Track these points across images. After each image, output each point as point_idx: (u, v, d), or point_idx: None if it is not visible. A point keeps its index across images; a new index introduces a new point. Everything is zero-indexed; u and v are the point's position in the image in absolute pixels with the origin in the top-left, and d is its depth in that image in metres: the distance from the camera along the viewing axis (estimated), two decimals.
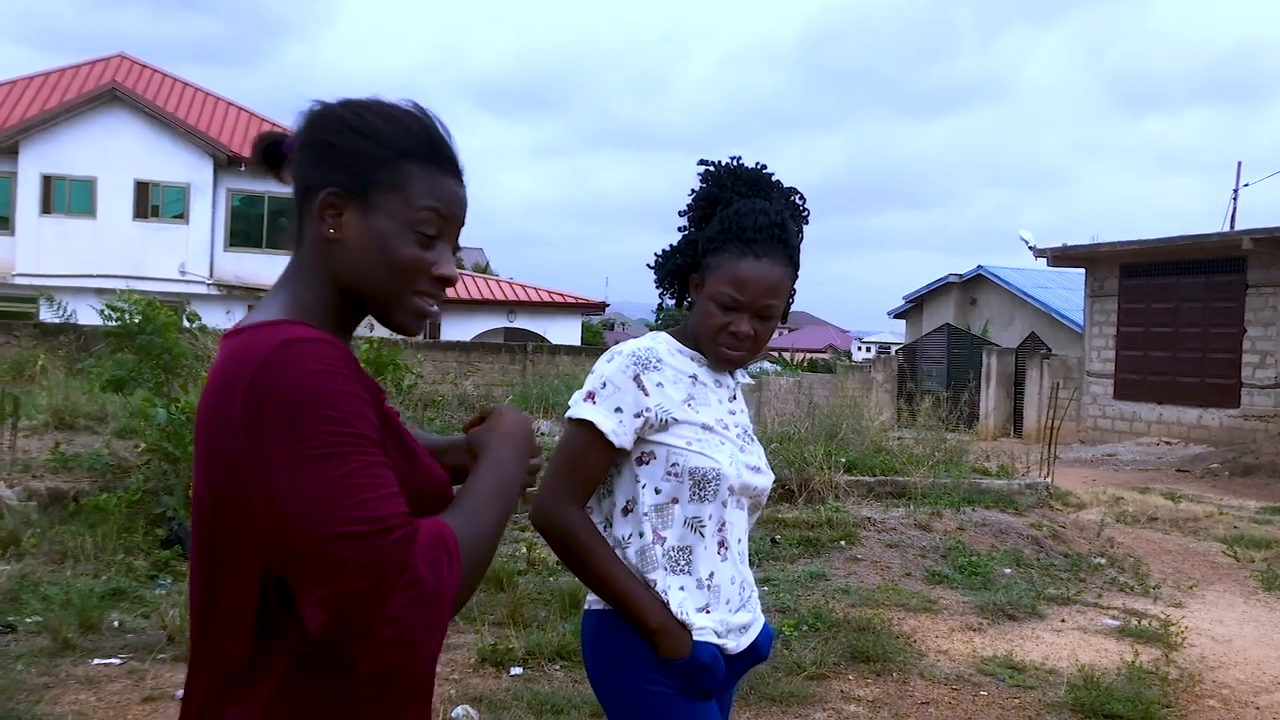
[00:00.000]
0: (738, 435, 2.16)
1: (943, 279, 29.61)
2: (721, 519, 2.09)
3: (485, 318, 29.20)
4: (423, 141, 1.42)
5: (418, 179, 1.40)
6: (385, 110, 1.43)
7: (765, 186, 2.19)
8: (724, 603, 2.09)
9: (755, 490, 2.16)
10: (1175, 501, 11.47)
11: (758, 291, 2.08)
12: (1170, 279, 18.96)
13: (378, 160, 1.38)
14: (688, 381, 2.12)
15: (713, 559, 2.09)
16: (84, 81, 26.84)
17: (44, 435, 8.83)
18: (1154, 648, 5.74)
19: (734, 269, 2.08)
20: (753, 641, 2.17)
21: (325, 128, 1.40)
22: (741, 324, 2.09)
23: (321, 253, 1.40)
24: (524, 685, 4.58)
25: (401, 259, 1.39)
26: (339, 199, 1.38)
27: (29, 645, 4.82)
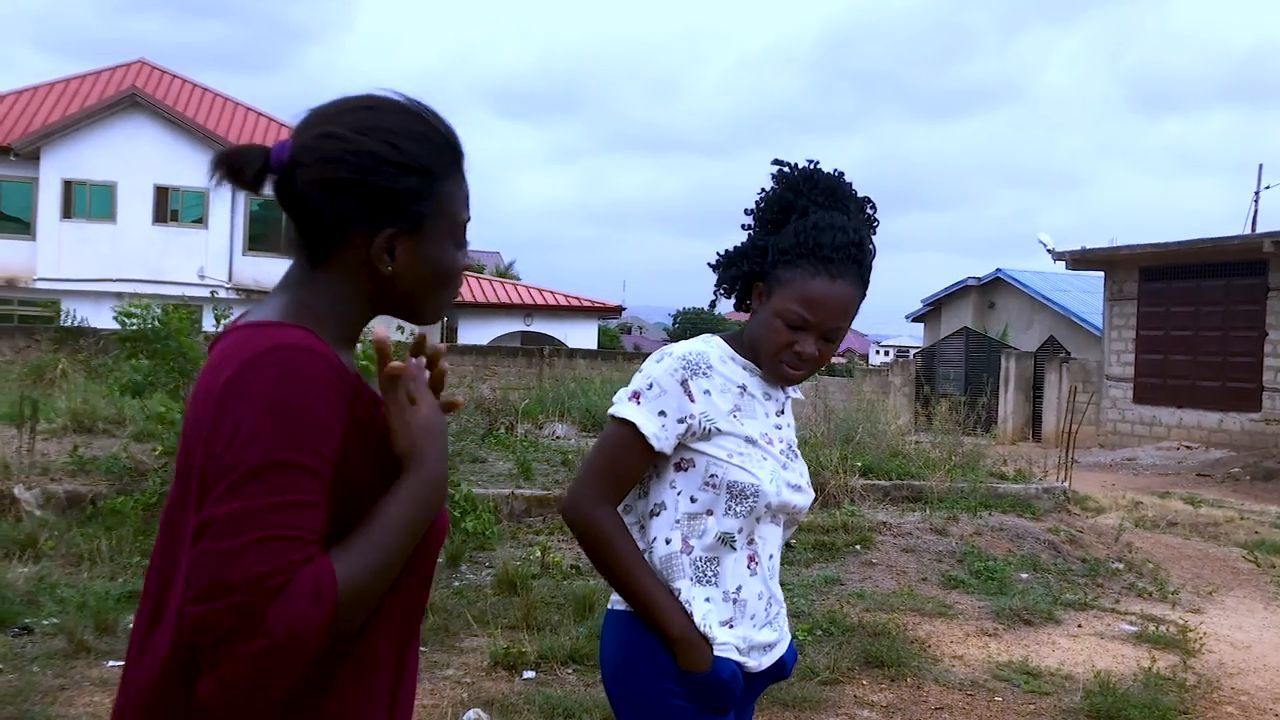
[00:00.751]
0: (782, 451, 2.10)
1: (961, 282, 29.51)
2: (753, 533, 2.04)
3: (502, 321, 29.26)
4: (450, 153, 1.43)
5: (455, 195, 1.43)
6: (413, 132, 1.40)
7: (843, 198, 2.09)
8: (749, 618, 2.03)
9: (793, 508, 2.10)
10: (1195, 506, 11.38)
11: (828, 314, 2.00)
12: (1190, 282, 18.83)
13: (427, 192, 1.39)
14: (736, 392, 2.05)
15: (741, 573, 2.03)
16: (104, 87, 27.05)
17: (63, 438, 8.88)
18: (1172, 654, 5.69)
19: (806, 288, 2.00)
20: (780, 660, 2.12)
21: (364, 168, 1.36)
22: (807, 344, 2.02)
23: (360, 278, 1.40)
24: (536, 689, 4.58)
25: (450, 273, 1.45)
26: (394, 236, 1.38)
27: (45, 647, 4.85)
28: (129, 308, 8.25)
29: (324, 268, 1.40)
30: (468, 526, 6.88)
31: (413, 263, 1.39)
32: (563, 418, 13.42)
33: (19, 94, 26.77)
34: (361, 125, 1.37)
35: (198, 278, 24.99)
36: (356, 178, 1.35)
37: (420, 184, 1.38)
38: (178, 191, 25.57)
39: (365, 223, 1.37)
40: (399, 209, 1.37)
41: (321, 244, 1.39)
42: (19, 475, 7.22)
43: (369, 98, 1.42)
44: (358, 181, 1.35)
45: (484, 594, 5.95)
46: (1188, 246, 18.61)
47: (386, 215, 1.37)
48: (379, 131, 1.37)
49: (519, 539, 7.21)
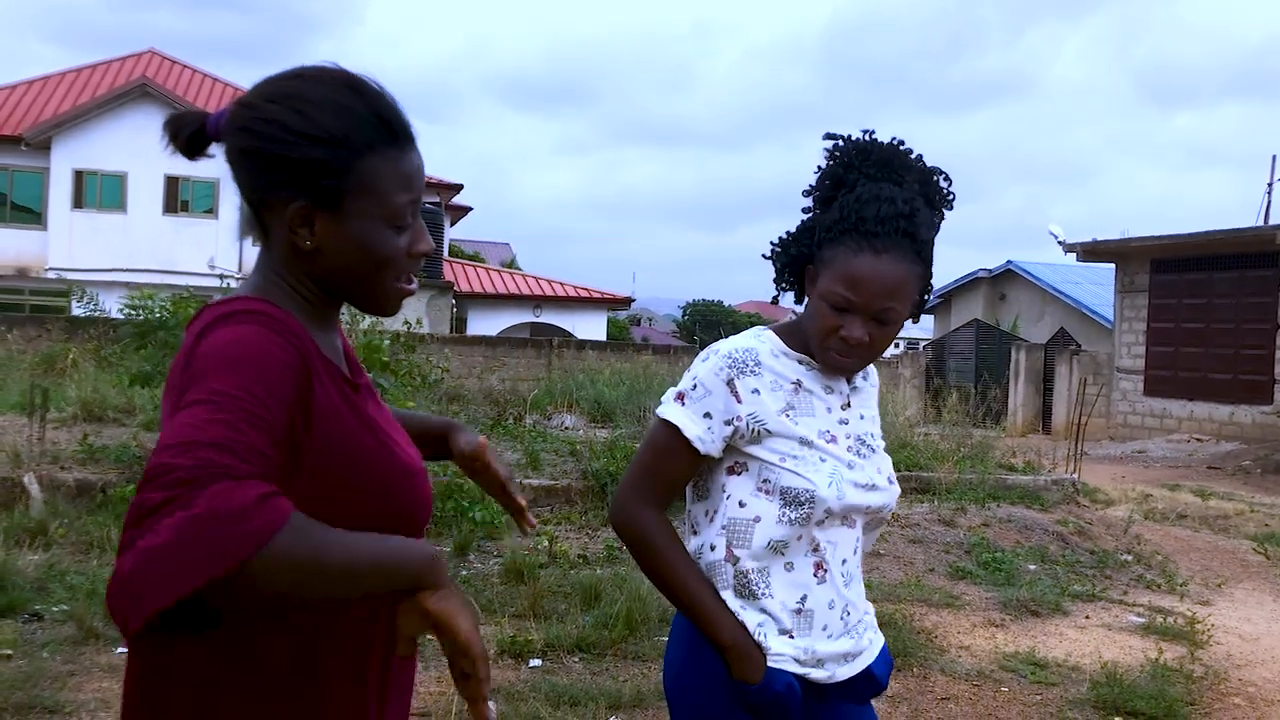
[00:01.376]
0: (849, 448, 1.94)
1: (972, 274, 29.40)
2: (816, 540, 1.88)
3: (511, 312, 29.28)
4: (378, 127, 1.36)
5: (384, 172, 1.35)
6: (329, 101, 1.33)
7: (898, 168, 1.91)
8: (819, 629, 1.89)
9: (865, 509, 1.93)
10: (1205, 499, 11.34)
11: (874, 293, 1.83)
12: (1202, 274, 18.74)
13: (341, 166, 1.32)
14: (789, 389, 1.91)
15: (805, 582, 1.88)
16: (115, 77, 27.11)
17: (73, 427, 8.92)
18: (1179, 645, 5.67)
19: (848, 265, 1.84)
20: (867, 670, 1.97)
21: (269, 137, 1.32)
22: (854, 328, 1.85)
23: (295, 258, 1.37)
24: (543, 677, 4.59)
25: (383, 256, 1.37)
26: (307, 211, 1.33)
27: (54, 634, 4.87)
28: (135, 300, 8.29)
29: (269, 246, 1.39)
30: (476, 516, 6.89)
31: (336, 240, 1.35)
32: (571, 408, 13.43)
33: (30, 84, 26.85)
34: (276, 94, 1.35)
35: (208, 268, 25.00)
36: (260, 146, 1.33)
37: (330, 156, 1.32)
38: (188, 182, 25.62)
39: (273, 194, 1.33)
40: (305, 181, 1.32)
41: (255, 216, 1.38)
42: (30, 464, 7.25)
43: (301, 68, 1.38)
44: (260, 150, 1.33)
45: (491, 583, 5.97)
46: (1200, 238, 18.51)
47: (293, 187, 1.32)
48: (291, 99, 1.33)
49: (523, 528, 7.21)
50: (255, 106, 1.33)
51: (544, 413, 13.11)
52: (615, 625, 5.12)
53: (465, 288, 28.65)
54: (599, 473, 7.86)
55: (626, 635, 5.08)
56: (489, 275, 30.70)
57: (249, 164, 1.34)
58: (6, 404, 10.04)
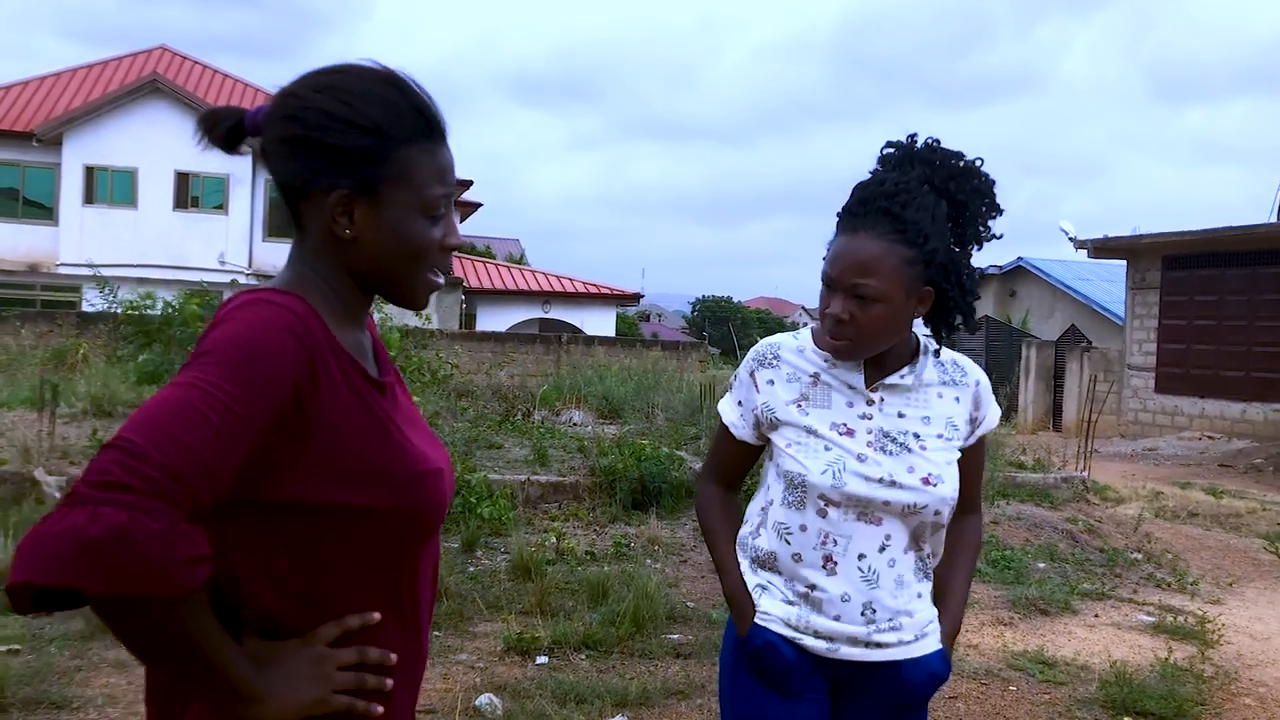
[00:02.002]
0: (869, 443, 1.95)
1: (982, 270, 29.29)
2: (824, 531, 1.93)
3: (521, 308, 29.28)
4: (417, 120, 1.40)
5: (421, 163, 1.40)
6: (372, 93, 1.38)
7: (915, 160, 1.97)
8: (830, 616, 1.94)
9: (883, 504, 1.93)
10: (1217, 497, 11.28)
11: (845, 267, 1.89)
12: (1214, 271, 18.63)
13: (381, 154, 1.37)
14: (806, 381, 2.00)
15: (814, 572, 1.95)
16: (126, 73, 27.16)
17: (83, 422, 8.94)
18: (1190, 644, 5.64)
19: (832, 245, 1.96)
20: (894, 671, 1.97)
21: (315, 125, 1.36)
22: (835, 304, 1.91)
23: (332, 247, 1.40)
24: (549, 674, 4.58)
25: (418, 245, 1.41)
26: (348, 199, 1.37)
27: (63, 628, 4.89)
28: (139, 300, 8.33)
29: (304, 239, 1.42)
30: (483, 512, 6.89)
31: (374, 229, 1.38)
32: (580, 404, 13.42)
33: (41, 80, 26.92)
34: (321, 85, 1.39)
35: (218, 263, 25.09)
36: (305, 134, 1.36)
37: (373, 144, 1.36)
38: (198, 177, 25.67)
39: (317, 181, 1.36)
40: (349, 168, 1.36)
41: (293, 208, 1.41)
42: (40, 459, 7.27)
43: (343, 64, 1.42)
44: (306, 138, 1.36)
45: (498, 579, 5.96)
46: (1211, 235, 18.41)
47: (336, 174, 1.36)
48: (336, 90, 1.37)
49: (534, 525, 7.21)
50: (301, 96, 1.37)
51: (552, 409, 13.11)
52: (623, 622, 5.11)
53: (474, 284, 28.66)
54: (607, 469, 7.84)
55: (634, 633, 5.07)
56: (498, 271, 30.71)
57: (292, 152, 1.37)
58: (17, 399, 10.08)
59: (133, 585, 1.09)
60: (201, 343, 1.26)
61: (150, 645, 1.18)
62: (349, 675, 1.34)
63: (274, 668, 1.29)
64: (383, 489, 1.35)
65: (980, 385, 2.09)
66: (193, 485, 1.14)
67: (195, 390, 1.18)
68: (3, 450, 7.65)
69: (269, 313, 1.28)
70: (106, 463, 1.12)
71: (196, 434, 1.15)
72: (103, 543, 1.07)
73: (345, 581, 1.35)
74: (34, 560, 1.08)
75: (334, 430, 1.31)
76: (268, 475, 1.26)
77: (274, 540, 1.31)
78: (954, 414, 2.04)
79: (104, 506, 1.08)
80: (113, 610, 1.13)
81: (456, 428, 9.50)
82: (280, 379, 1.25)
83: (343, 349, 1.35)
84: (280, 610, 1.32)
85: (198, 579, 1.14)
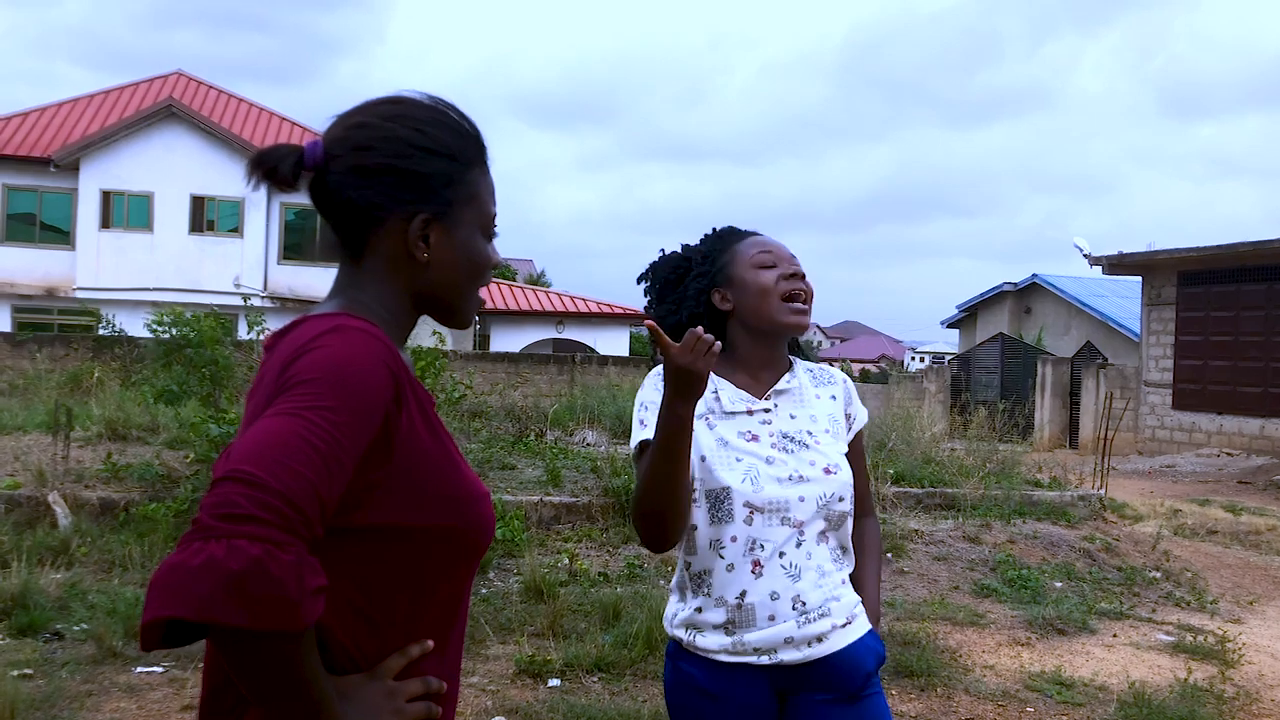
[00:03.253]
0: (773, 444, 2.10)
1: (997, 288, 29.24)
2: (751, 538, 2.04)
3: (534, 329, 29.32)
4: (478, 144, 1.48)
5: (483, 185, 1.47)
6: (438, 120, 1.44)
7: None
8: (765, 619, 2.03)
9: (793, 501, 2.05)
10: (1236, 514, 11.17)
11: (781, 249, 2.18)
12: (1230, 286, 18.53)
13: (455, 178, 1.43)
14: (710, 397, 2.13)
15: (743, 579, 2.04)
16: (142, 99, 27.39)
17: (97, 446, 8.97)
18: (1210, 664, 5.57)
19: (749, 243, 2.19)
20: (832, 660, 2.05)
21: (394, 152, 1.39)
22: (787, 266, 2.15)
23: (399, 270, 1.42)
24: (561, 697, 4.55)
25: (482, 264, 1.48)
26: (427, 223, 1.41)
27: (75, 653, 4.88)
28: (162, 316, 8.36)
29: (364, 264, 1.43)
30: (496, 533, 6.87)
31: (447, 251, 1.43)
32: (593, 425, 13.40)
33: (59, 106, 27.15)
34: (390, 114, 1.43)
35: (233, 286, 25.20)
36: (387, 162, 1.39)
37: (449, 168, 1.42)
38: (214, 201, 25.82)
39: (398, 208, 1.40)
40: (430, 193, 1.40)
41: (358, 236, 1.42)
42: (54, 482, 7.30)
43: (395, 95, 1.46)
44: (389, 165, 1.39)
45: (511, 601, 5.94)
46: (1227, 250, 18.31)
47: (418, 199, 1.41)
48: (406, 119, 1.42)
49: (547, 546, 7.19)
50: (372, 125, 1.41)
51: (566, 429, 13.09)
52: (635, 644, 5.08)
53: (489, 305, 28.72)
54: (620, 489, 7.82)
55: (646, 654, 5.04)
56: (512, 292, 30.78)
57: (370, 180, 1.39)
58: (33, 423, 10.12)
59: (268, 619, 1.08)
60: (292, 369, 1.25)
61: (266, 678, 1.15)
62: (419, 707, 1.35)
63: (349, 702, 1.29)
64: (449, 509, 1.37)
65: (848, 384, 2.28)
66: (312, 515, 1.14)
67: (301, 420, 1.18)
68: (17, 474, 7.68)
69: (359, 340, 1.29)
70: (231, 494, 1.11)
71: (309, 463, 1.15)
72: (245, 576, 1.07)
73: (407, 605, 1.37)
74: (177, 595, 1.06)
75: (410, 454, 1.33)
76: (354, 503, 1.27)
77: (348, 564, 1.31)
78: (833, 411, 2.22)
79: (238, 540, 1.08)
80: (239, 644, 1.11)
81: (470, 448, 9.49)
82: (377, 406, 1.26)
83: (410, 373, 1.38)
84: (349, 638, 1.32)
85: (319, 611, 1.14)
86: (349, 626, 1.32)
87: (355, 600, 1.33)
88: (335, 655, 1.32)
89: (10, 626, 5.18)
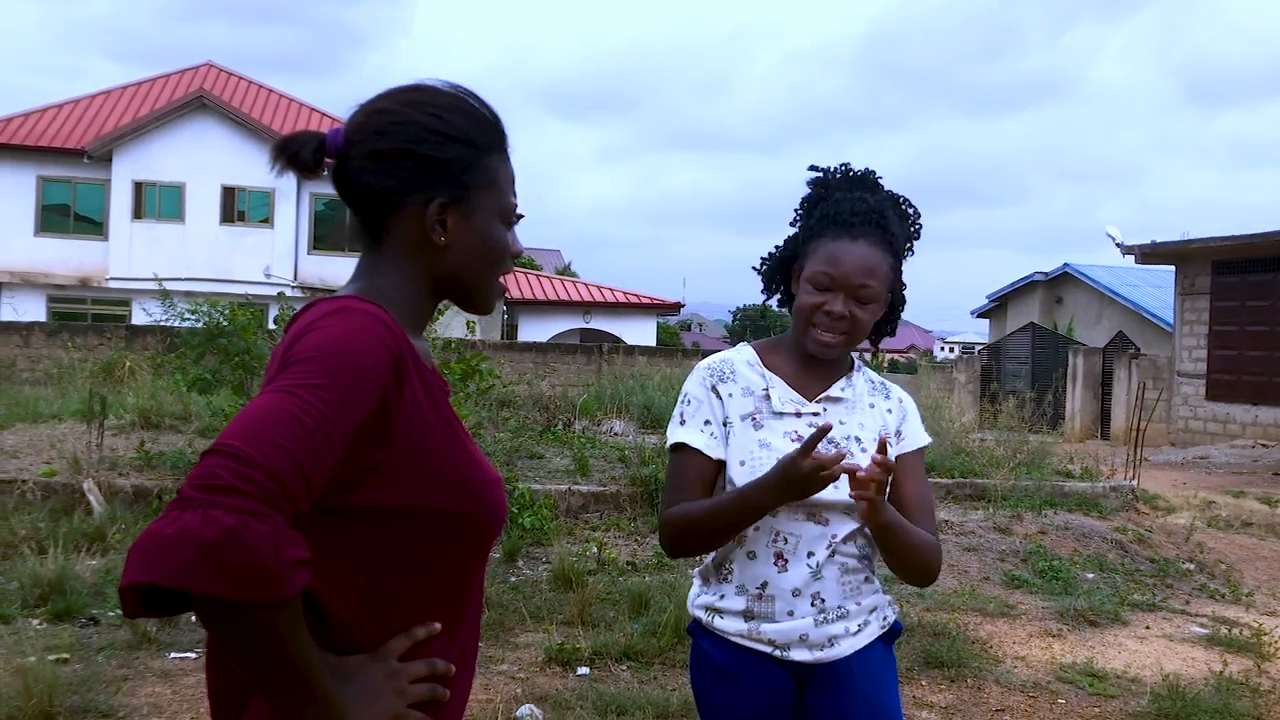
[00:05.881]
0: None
1: (1027, 277, 29.00)
2: (775, 529, 2.05)
3: (561, 319, 29.36)
4: (497, 131, 1.48)
5: (502, 171, 1.48)
6: (457, 106, 1.45)
7: (870, 185, 2.18)
8: (784, 613, 2.06)
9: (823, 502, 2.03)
10: (1271, 506, 11.04)
11: (852, 269, 2.05)
12: (1266, 275, 18.28)
13: (473, 163, 1.44)
14: (759, 396, 2.11)
15: (766, 569, 2.06)
16: (173, 90, 27.60)
17: (131, 434, 9.06)
18: (1245, 657, 5.51)
19: (829, 249, 2.07)
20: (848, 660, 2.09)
21: (412, 137, 1.41)
22: (836, 303, 2.05)
23: (418, 255, 1.44)
24: (590, 685, 4.56)
25: (500, 251, 1.49)
26: (444, 207, 1.42)
27: (110, 638, 4.94)
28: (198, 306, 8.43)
29: (383, 249, 1.45)
30: (525, 522, 6.90)
31: (465, 235, 1.45)
32: (621, 414, 13.40)
33: (92, 99, 27.42)
34: (408, 101, 1.45)
35: (264, 277, 25.39)
36: (404, 146, 1.41)
37: (466, 153, 1.43)
38: (244, 192, 26.00)
39: (415, 192, 1.41)
40: (447, 177, 1.42)
41: (377, 220, 1.44)
42: (89, 470, 7.38)
43: (416, 83, 1.48)
44: (406, 150, 1.41)
45: (540, 589, 5.96)
46: (1262, 239, 18.06)
47: (435, 183, 1.42)
48: (425, 105, 1.43)
49: (576, 535, 7.21)
50: (391, 111, 1.43)
51: (593, 419, 13.10)
52: (664, 633, 5.08)
53: (516, 294, 28.79)
54: (648, 479, 7.82)
55: (675, 643, 5.04)
56: (539, 282, 30.83)
57: (388, 165, 1.41)
58: (68, 411, 10.23)
59: (244, 588, 1.10)
60: (291, 349, 1.28)
61: (249, 650, 1.17)
62: (422, 688, 1.36)
63: (350, 683, 1.30)
64: (456, 494, 1.38)
65: (904, 404, 2.23)
66: (294, 490, 1.15)
67: (293, 397, 1.20)
68: (53, 461, 7.77)
69: (359, 320, 1.31)
70: (213, 467, 1.13)
71: (296, 440, 1.17)
72: (217, 545, 1.08)
73: (412, 588, 1.37)
74: (151, 561, 1.08)
75: (414, 437, 1.34)
76: (351, 480, 1.28)
77: (350, 545, 1.32)
78: (885, 424, 2.18)
79: (215, 510, 1.09)
80: (218, 614, 1.13)
81: (499, 438, 9.52)
82: (372, 386, 1.27)
83: (419, 356, 1.39)
84: (351, 618, 1.33)
85: (301, 583, 1.15)
86: (352, 606, 1.33)
87: (358, 581, 1.33)
88: (338, 635, 1.33)
89: (48, 612, 5.25)
